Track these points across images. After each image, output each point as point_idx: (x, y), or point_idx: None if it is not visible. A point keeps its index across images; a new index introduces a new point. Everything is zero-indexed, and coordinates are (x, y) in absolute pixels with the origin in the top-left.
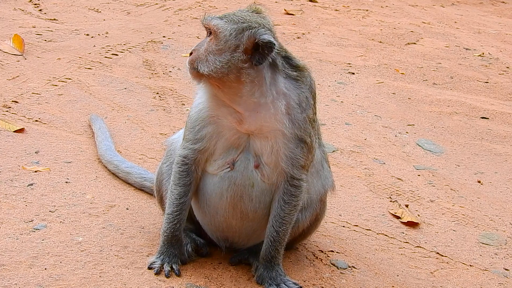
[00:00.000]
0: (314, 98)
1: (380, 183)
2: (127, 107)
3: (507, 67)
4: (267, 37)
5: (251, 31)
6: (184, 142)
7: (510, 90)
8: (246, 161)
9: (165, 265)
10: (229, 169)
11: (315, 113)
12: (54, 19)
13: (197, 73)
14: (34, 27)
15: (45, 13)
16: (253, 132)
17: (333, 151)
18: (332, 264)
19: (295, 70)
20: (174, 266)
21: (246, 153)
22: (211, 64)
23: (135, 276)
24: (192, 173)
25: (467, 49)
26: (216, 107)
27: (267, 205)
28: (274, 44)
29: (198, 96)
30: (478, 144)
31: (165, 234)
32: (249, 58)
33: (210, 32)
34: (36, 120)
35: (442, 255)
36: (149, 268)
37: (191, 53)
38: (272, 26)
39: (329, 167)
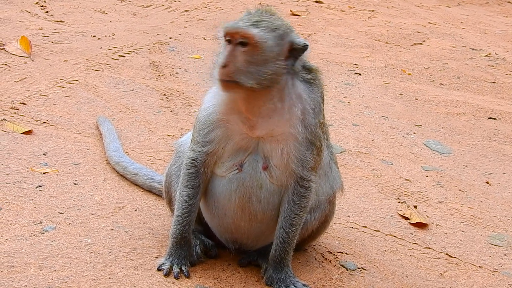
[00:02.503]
0: (323, 101)
1: (388, 184)
2: (135, 108)
3: None
4: (302, 40)
5: (289, 37)
6: (193, 144)
7: None
8: (254, 162)
9: (174, 266)
10: (237, 171)
11: (324, 117)
12: (61, 21)
13: (235, 85)
14: (41, 29)
15: (51, 15)
16: (263, 136)
17: (341, 152)
18: (341, 265)
19: (309, 73)
20: (183, 268)
21: (255, 155)
22: (256, 75)
23: (144, 278)
24: (201, 175)
25: (473, 49)
26: (227, 112)
27: (275, 207)
28: (308, 46)
29: (207, 99)
30: (486, 145)
31: (174, 236)
32: (286, 64)
33: (242, 42)
34: (44, 122)
35: (452, 256)
36: (158, 269)
37: (224, 66)
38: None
39: (338, 168)
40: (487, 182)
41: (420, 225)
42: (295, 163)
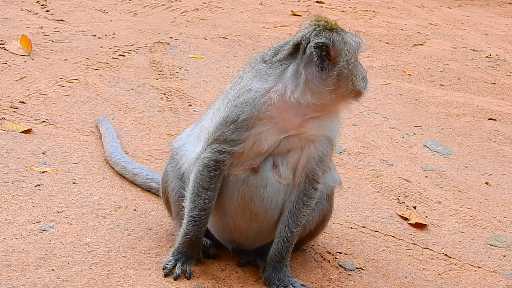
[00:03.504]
0: None
1: (387, 184)
2: (134, 108)
3: None
4: None
5: None
6: (220, 144)
7: None
8: (264, 161)
9: (177, 266)
10: (251, 172)
11: None
12: (61, 20)
13: None
14: (41, 27)
15: (52, 14)
16: (303, 134)
17: (341, 152)
18: (339, 265)
19: None
20: (188, 268)
21: (268, 155)
22: None
23: (142, 277)
24: (221, 176)
25: (474, 50)
26: (287, 109)
27: (277, 206)
28: None
29: (260, 93)
30: (486, 146)
31: (189, 236)
32: None
33: None
34: (43, 121)
35: (450, 257)
36: (163, 268)
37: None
38: None
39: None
40: (487, 183)
41: (419, 226)
42: (317, 161)
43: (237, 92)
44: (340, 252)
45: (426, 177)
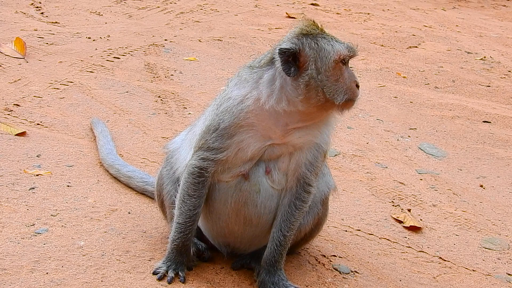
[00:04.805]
0: None
1: (382, 187)
2: (129, 110)
3: (509, 71)
4: None
5: None
6: (203, 151)
7: (511, 93)
8: (255, 167)
9: (169, 271)
10: (241, 178)
11: None
12: (56, 22)
13: None
14: (36, 30)
15: (46, 16)
16: (288, 143)
17: (335, 155)
18: (334, 268)
19: None
20: (180, 273)
21: (259, 161)
22: None
23: (137, 281)
24: (207, 184)
25: (468, 52)
26: (266, 117)
27: (271, 211)
28: None
29: (237, 101)
30: (480, 148)
31: (175, 243)
32: None
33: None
34: (38, 124)
35: (445, 260)
36: (154, 273)
37: (358, 86)
38: None
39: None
40: (481, 186)
41: (414, 229)
42: (307, 166)
43: (220, 100)
44: (335, 255)
45: (421, 179)
